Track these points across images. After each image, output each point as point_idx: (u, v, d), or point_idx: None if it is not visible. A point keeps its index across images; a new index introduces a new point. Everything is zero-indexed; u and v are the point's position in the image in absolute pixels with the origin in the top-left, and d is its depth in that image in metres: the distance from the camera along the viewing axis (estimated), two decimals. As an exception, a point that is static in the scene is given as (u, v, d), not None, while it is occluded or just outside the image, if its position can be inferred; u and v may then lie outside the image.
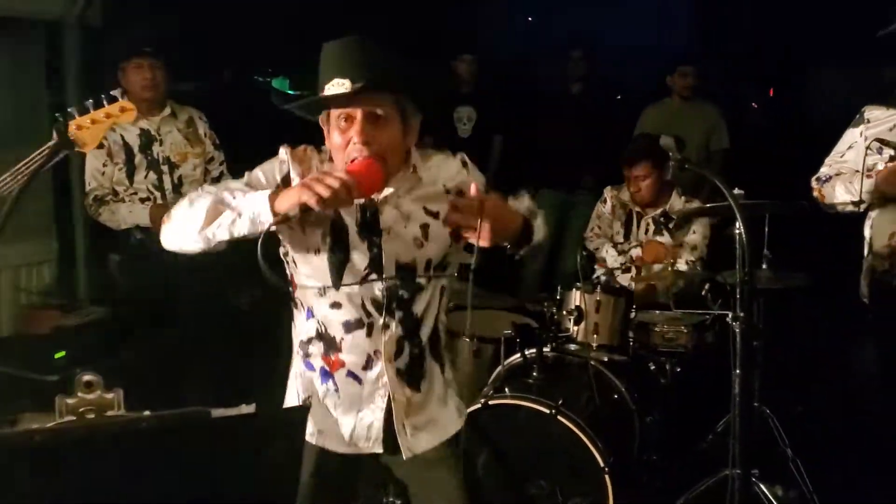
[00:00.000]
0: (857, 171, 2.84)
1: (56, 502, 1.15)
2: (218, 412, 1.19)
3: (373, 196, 1.93)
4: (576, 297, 3.49)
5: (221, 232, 1.85)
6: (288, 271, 2.05)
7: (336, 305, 2.00)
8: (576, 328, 3.46)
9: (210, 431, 1.23)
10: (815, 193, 3.09)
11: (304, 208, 1.71)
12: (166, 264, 3.75)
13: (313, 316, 2.04)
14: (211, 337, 3.99)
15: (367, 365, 2.03)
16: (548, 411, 3.04)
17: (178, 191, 3.80)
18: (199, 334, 3.93)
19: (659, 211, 3.99)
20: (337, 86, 1.85)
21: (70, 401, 1.11)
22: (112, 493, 1.17)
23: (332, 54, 1.91)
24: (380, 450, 2.07)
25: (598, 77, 5.95)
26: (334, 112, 1.89)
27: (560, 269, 5.72)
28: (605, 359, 3.48)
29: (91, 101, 2.53)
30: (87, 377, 1.13)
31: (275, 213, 1.77)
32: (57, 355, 3.85)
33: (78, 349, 3.91)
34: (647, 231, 4.02)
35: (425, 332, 2.07)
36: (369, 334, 2.01)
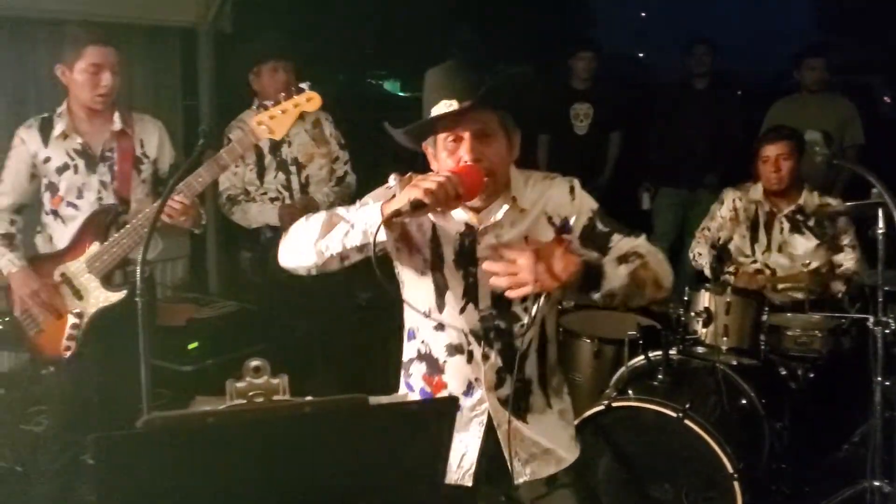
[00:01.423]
0: None
1: (224, 481, 1.20)
2: (374, 399, 1.22)
3: (473, 225, 1.96)
4: (705, 299, 3.39)
5: (334, 244, 1.87)
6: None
7: (440, 328, 2.03)
8: (704, 330, 3.37)
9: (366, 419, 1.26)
10: None
11: (415, 204, 1.74)
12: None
13: (415, 337, 2.08)
14: (335, 332, 4.10)
15: (468, 391, 2.03)
16: (674, 415, 2.97)
17: (305, 190, 3.92)
18: (325, 329, 4.05)
19: (792, 207, 3.80)
20: (444, 107, 1.88)
21: (240, 385, 1.17)
22: (273, 474, 1.21)
23: (436, 78, 1.93)
24: (469, 483, 2.04)
25: (722, 72, 5.79)
26: (442, 134, 1.91)
27: (681, 269, 5.60)
28: (734, 362, 3.37)
29: (283, 94, 2.75)
30: (255, 362, 1.18)
31: (385, 216, 1.80)
32: (190, 346, 4.05)
33: (210, 341, 4.10)
34: (781, 231, 3.81)
35: (530, 366, 2.04)
36: (469, 361, 2.02)
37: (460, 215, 1.97)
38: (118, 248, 2.86)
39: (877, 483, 2.99)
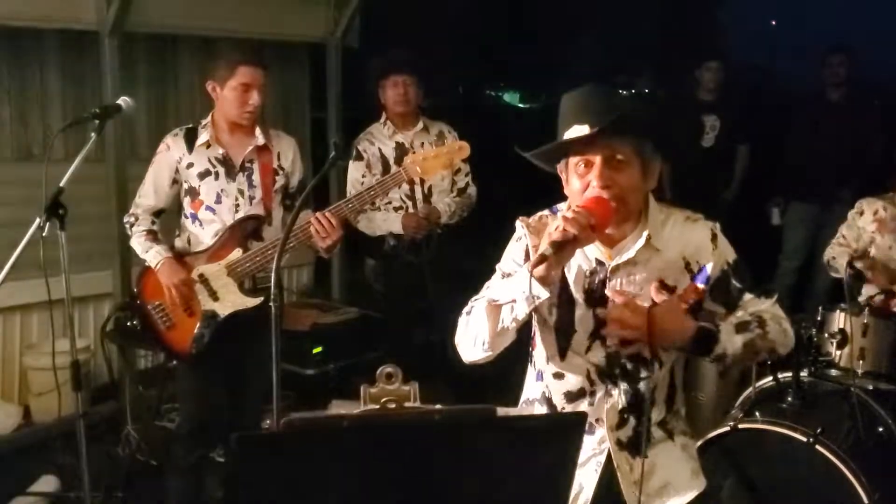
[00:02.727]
0: None
1: (351, 486, 1.24)
2: (502, 411, 1.23)
3: (605, 262, 1.91)
4: (840, 319, 3.25)
5: (509, 323, 1.86)
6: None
7: (559, 376, 2.00)
8: (838, 352, 3.22)
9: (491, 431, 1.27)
10: None
11: (556, 245, 1.72)
12: (417, 269, 4.01)
13: (542, 380, 2.05)
14: (452, 339, 4.14)
15: (589, 430, 1.99)
16: (805, 439, 2.84)
17: (428, 200, 4.01)
18: (444, 338, 4.09)
19: None
20: (576, 131, 1.85)
21: (373, 390, 1.20)
22: (400, 480, 1.24)
23: (571, 102, 1.90)
24: None
25: (859, 82, 5.52)
26: (573, 158, 1.88)
27: (812, 287, 5.37)
28: (870, 387, 3.20)
29: (425, 140, 2.84)
30: (388, 369, 1.22)
31: (537, 278, 1.76)
32: (314, 350, 4.18)
33: (333, 346, 4.23)
34: None
35: (656, 415, 1.99)
36: (591, 403, 1.98)
37: (592, 251, 1.94)
38: (262, 257, 3.00)
39: None
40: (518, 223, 2.02)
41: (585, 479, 2.00)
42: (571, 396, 2.00)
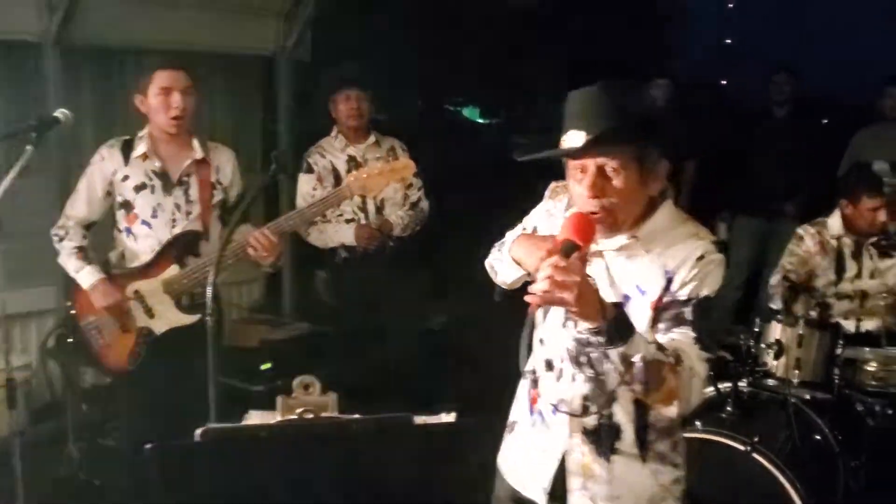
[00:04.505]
0: None
1: (273, 494, 1.25)
2: (420, 419, 1.25)
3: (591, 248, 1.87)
4: (776, 331, 3.32)
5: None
6: None
7: (541, 342, 2.01)
8: (775, 363, 3.29)
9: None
10: None
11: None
12: (368, 281, 4.01)
13: (534, 352, 2.05)
14: (407, 355, 4.15)
15: (555, 410, 2.00)
16: (743, 448, 2.90)
17: (380, 212, 4.02)
18: (398, 351, 4.10)
19: (875, 238, 3.71)
20: (572, 137, 1.82)
21: (290, 401, 1.21)
22: (321, 488, 1.25)
23: (571, 104, 1.85)
24: (541, 501, 2.02)
25: (803, 99, 5.66)
26: (571, 163, 1.87)
27: (758, 299, 5.47)
28: (807, 396, 3.28)
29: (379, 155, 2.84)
30: (305, 380, 1.23)
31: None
32: (263, 367, 4.15)
33: (282, 362, 4.19)
34: (871, 258, 3.73)
35: (622, 413, 1.93)
36: (558, 380, 1.99)
37: None
38: (199, 273, 2.97)
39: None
40: (548, 191, 2.09)
41: (550, 460, 2.00)
42: (547, 365, 2.01)
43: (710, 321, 1.81)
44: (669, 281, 1.82)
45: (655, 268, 1.84)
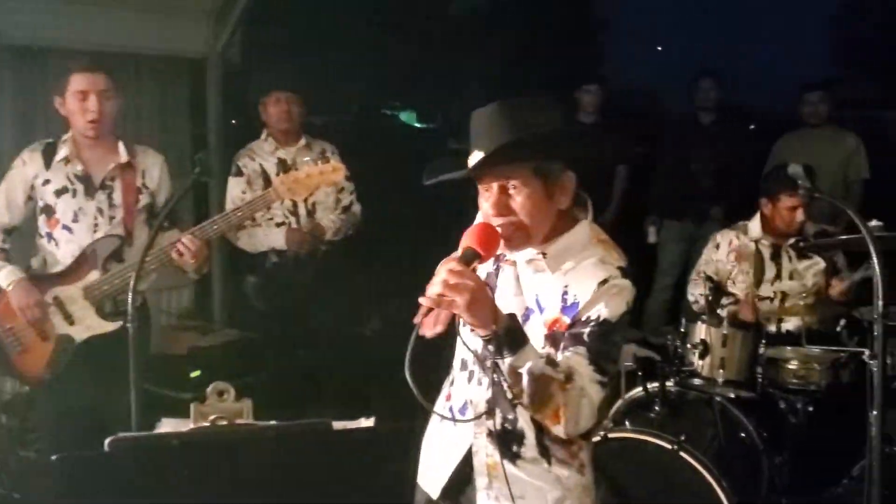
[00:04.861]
0: None
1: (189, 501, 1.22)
2: (338, 424, 1.24)
3: (502, 254, 1.92)
4: (701, 331, 3.39)
5: None
6: None
7: (460, 343, 2.00)
8: (701, 362, 3.36)
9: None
10: None
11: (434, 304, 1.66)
12: (300, 286, 3.96)
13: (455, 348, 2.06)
14: (340, 361, 4.12)
15: (463, 409, 2.01)
16: (670, 447, 2.95)
17: (312, 216, 3.97)
18: (329, 358, 4.06)
19: (793, 239, 3.82)
20: (474, 157, 1.83)
21: (203, 408, 1.18)
22: (236, 496, 1.23)
23: (473, 123, 1.86)
24: (434, 495, 2.04)
25: (729, 106, 5.80)
26: (479, 182, 1.88)
27: (684, 303, 5.59)
28: (732, 395, 3.35)
29: (308, 158, 2.81)
30: (219, 386, 1.20)
31: None
32: (192, 374, 4.07)
33: (212, 369, 4.12)
34: (790, 260, 3.84)
35: (525, 419, 1.93)
36: (469, 381, 2.01)
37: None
38: (121, 279, 2.89)
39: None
40: None
41: (450, 456, 2.01)
42: (462, 364, 2.02)
43: (610, 345, 1.81)
44: (568, 302, 1.83)
45: (557, 286, 1.86)
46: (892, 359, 3.31)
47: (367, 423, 1.21)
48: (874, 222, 3.18)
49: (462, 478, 2.01)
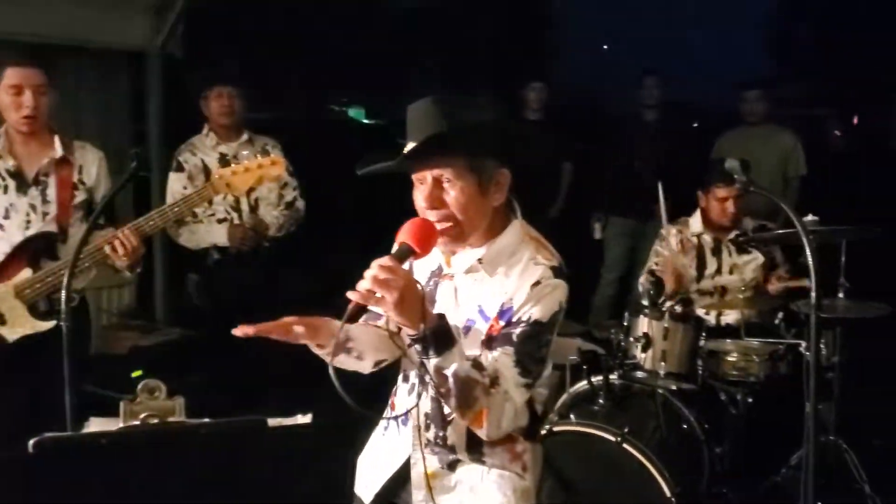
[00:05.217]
0: None
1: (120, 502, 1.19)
2: (274, 421, 1.22)
3: (443, 269, 1.92)
4: (643, 324, 3.43)
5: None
6: None
7: (404, 354, 1.99)
8: (643, 355, 3.40)
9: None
10: None
11: (356, 311, 1.64)
12: (243, 283, 3.91)
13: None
14: (284, 356, 4.07)
15: (405, 419, 2.00)
16: (613, 439, 2.99)
17: (254, 211, 3.93)
18: (274, 354, 4.00)
19: (736, 232, 3.91)
20: (407, 149, 1.83)
21: (134, 406, 1.16)
22: (170, 496, 1.20)
23: (409, 116, 1.85)
24: (367, 500, 2.03)
25: (672, 104, 5.89)
26: (414, 175, 1.86)
27: (632, 296, 5.66)
28: (674, 387, 3.40)
29: (247, 151, 2.74)
30: (150, 384, 1.18)
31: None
32: (133, 374, 3.98)
33: (155, 369, 4.04)
34: (730, 254, 3.93)
35: (454, 434, 1.93)
36: (410, 392, 2.00)
37: (437, 255, 1.93)
38: (54, 277, 2.81)
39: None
40: None
41: (387, 464, 2.01)
42: (404, 377, 2.02)
43: (539, 345, 1.83)
44: (505, 306, 1.84)
45: (497, 291, 1.86)
46: (827, 349, 3.41)
47: (304, 419, 1.19)
48: (810, 217, 3.28)
49: (398, 484, 2.01)
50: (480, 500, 1.94)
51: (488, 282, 1.87)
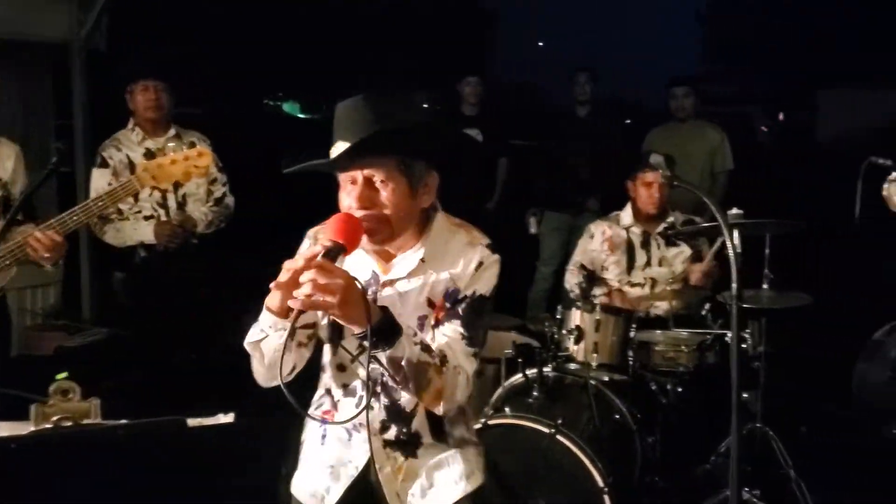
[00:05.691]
0: None
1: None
2: (194, 421, 1.19)
3: (379, 275, 1.91)
4: (576, 317, 3.47)
5: (276, 354, 1.76)
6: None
7: (341, 368, 1.99)
8: (576, 347, 3.45)
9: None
10: (885, 193, 3.02)
11: (298, 315, 1.63)
12: (171, 281, 3.82)
13: (326, 372, 2.03)
14: (216, 355, 4.00)
15: (356, 428, 1.99)
16: (547, 431, 3.02)
17: (182, 208, 3.85)
18: (204, 352, 3.94)
19: (664, 225, 4.00)
20: (339, 148, 1.81)
21: (46, 409, 1.12)
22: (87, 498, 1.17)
23: (338, 115, 1.85)
24: None
25: (605, 100, 5.97)
26: (342, 175, 1.85)
27: (563, 291, 5.73)
28: (606, 378, 3.45)
29: (172, 144, 2.67)
30: (63, 385, 1.14)
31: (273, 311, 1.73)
32: (59, 376, 3.86)
33: (81, 370, 3.92)
34: (658, 247, 4.01)
35: (418, 422, 1.98)
36: (357, 406, 1.97)
37: (369, 263, 1.92)
38: None
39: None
40: (306, 239, 1.97)
41: (343, 478, 2.00)
42: (347, 391, 1.99)
43: (484, 314, 1.90)
44: (450, 290, 1.89)
45: (442, 281, 1.90)
46: (753, 339, 3.51)
47: (225, 418, 1.16)
48: (734, 210, 3.36)
49: (358, 491, 2.00)
50: (446, 474, 2.01)
51: (433, 277, 1.89)
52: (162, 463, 1.22)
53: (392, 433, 1.98)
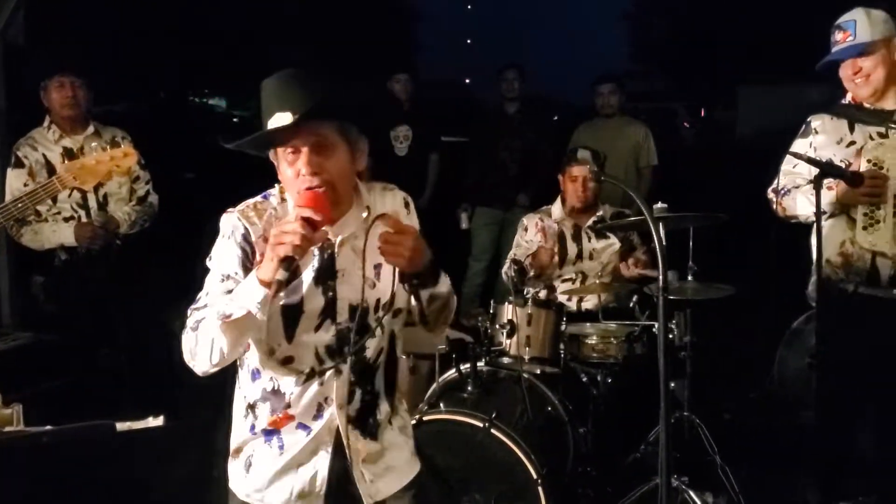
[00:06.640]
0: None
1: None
2: (123, 426, 1.17)
3: (331, 239, 1.94)
4: (508, 311, 3.51)
5: (250, 335, 1.89)
6: None
7: (288, 360, 1.97)
8: (508, 341, 3.49)
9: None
10: (775, 206, 3.08)
11: (287, 263, 1.73)
12: (94, 284, 3.71)
13: (261, 375, 2.00)
14: (145, 360, 3.91)
15: (318, 414, 1.99)
16: (481, 425, 3.04)
17: (104, 208, 3.74)
18: (131, 357, 3.84)
19: (594, 219, 4.07)
20: (279, 120, 1.85)
21: (-35, 417, 1.08)
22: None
23: (271, 89, 1.90)
24: None
25: (533, 97, 6.04)
26: (281, 150, 1.89)
27: (498, 284, 5.78)
28: (538, 371, 3.50)
29: (95, 143, 2.59)
30: (-17, 392, 1.10)
31: (268, 285, 1.77)
32: (-21, 384, 3.71)
33: (3, 377, 3.76)
34: (589, 240, 4.08)
35: (379, 379, 2.05)
36: (322, 383, 1.98)
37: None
38: None
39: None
40: (231, 217, 1.95)
41: (320, 462, 2.00)
42: (302, 378, 1.97)
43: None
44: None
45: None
46: (679, 330, 3.60)
47: (155, 422, 1.14)
48: (659, 205, 3.44)
49: (340, 477, 2.02)
50: (398, 452, 2.10)
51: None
52: (90, 468, 1.19)
53: (355, 404, 1.99)
